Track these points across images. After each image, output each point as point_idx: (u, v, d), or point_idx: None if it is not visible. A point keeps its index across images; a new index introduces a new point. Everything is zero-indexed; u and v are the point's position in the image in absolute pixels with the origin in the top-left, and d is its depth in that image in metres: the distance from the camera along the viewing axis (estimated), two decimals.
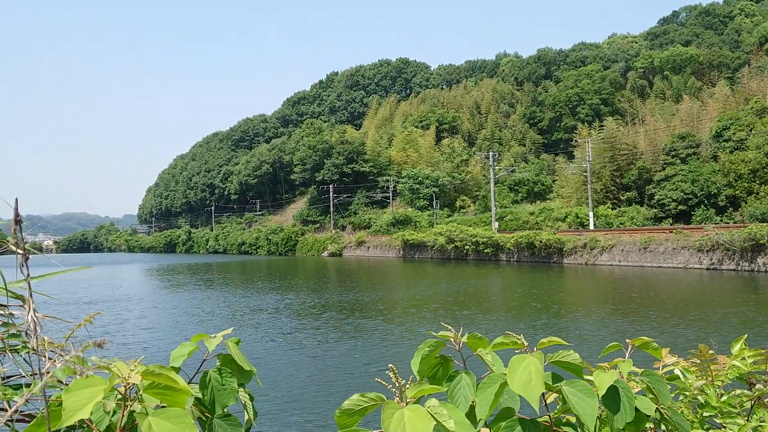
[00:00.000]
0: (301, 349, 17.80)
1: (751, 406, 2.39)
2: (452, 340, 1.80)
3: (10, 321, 1.71)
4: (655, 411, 1.72)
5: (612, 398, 1.66)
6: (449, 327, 1.86)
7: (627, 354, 1.91)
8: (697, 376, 2.54)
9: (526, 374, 1.56)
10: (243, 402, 1.77)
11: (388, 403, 1.39)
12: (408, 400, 1.44)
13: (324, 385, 13.51)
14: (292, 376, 14.37)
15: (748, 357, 2.49)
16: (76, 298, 33.77)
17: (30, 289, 1.40)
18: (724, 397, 2.41)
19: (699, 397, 2.45)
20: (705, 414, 2.37)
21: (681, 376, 2.51)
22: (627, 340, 1.97)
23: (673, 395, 2.32)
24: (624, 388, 1.68)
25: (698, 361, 2.63)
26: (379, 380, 1.60)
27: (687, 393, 2.46)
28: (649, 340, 1.94)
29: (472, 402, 1.64)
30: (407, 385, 1.50)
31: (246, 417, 1.77)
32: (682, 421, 1.77)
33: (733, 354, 2.55)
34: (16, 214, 1.30)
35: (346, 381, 13.78)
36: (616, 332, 18.59)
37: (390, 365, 1.56)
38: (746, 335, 2.56)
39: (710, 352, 2.64)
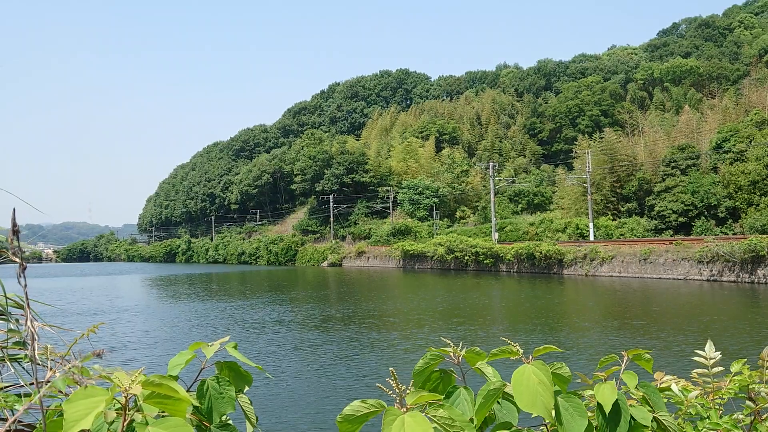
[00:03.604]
0: (300, 360, 17.77)
1: (751, 422, 2.38)
2: (451, 354, 1.81)
3: (15, 328, 1.72)
4: (652, 420, 1.73)
5: (612, 411, 1.64)
6: (448, 341, 1.87)
7: (623, 366, 1.91)
8: (697, 394, 2.52)
9: (531, 387, 1.54)
10: (244, 409, 1.78)
11: (389, 409, 1.40)
12: (408, 407, 1.45)
13: (323, 395, 13.48)
14: (291, 387, 14.34)
15: (751, 374, 2.47)
16: (77, 308, 33.74)
17: (27, 299, 1.41)
18: (725, 418, 2.40)
19: (692, 410, 2.44)
20: (706, 428, 2.36)
21: (676, 391, 2.49)
22: (622, 352, 1.97)
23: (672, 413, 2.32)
24: (621, 400, 1.65)
25: (697, 373, 2.62)
26: (379, 386, 1.61)
27: (682, 406, 2.45)
28: (642, 351, 1.94)
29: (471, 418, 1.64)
30: (407, 391, 1.51)
31: (248, 426, 1.78)
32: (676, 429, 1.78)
33: (732, 372, 2.53)
34: (14, 224, 1.30)
35: (345, 392, 13.75)
36: (615, 344, 18.57)
37: (391, 369, 1.57)
38: (745, 359, 2.55)
39: (715, 353, 2.63)
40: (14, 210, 1.32)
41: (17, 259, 1.33)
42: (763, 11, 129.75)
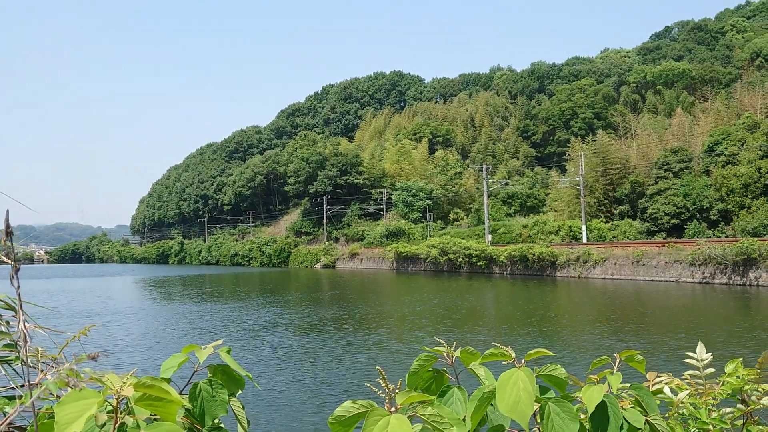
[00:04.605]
0: (293, 363, 17.74)
1: (743, 424, 2.39)
2: (445, 354, 1.81)
3: (5, 330, 1.71)
4: (645, 423, 1.73)
5: (599, 414, 1.64)
6: (442, 341, 1.87)
7: (615, 368, 1.91)
8: (690, 394, 2.52)
9: (515, 393, 1.53)
10: (235, 413, 1.78)
11: (373, 410, 1.40)
12: (398, 407, 1.45)
13: (315, 398, 13.46)
14: (284, 391, 14.31)
15: (743, 376, 2.47)
16: (69, 310, 33.59)
17: (20, 300, 1.40)
18: (715, 414, 2.40)
19: (685, 410, 2.44)
20: (696, 429, 2.36)
21: (669, 392, 2.49)
22: (615, 354, 1.97)
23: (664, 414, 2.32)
24: (612, 403, 1.65)
25: (689, 377, 2.62)
26: (368, 385, 1.61)
27: (672, 407, 2.45)
28: (634, 352, 1.94)
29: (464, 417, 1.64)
30: (396, 391, 1.51)
31: (239, 430, 1.77)
32: None
33: (726, 373, 2.53)
34: (7, 226, 1.30)
35: (338, 395, 13.73)
36: (609, 346, 18.60)
37: (378, 368, 1.56)
38: (740, 359, 2.56)
39: (706, 355, 2.63)
40: (8, 211, 1.33)
41: (10, 261, 1.33)
42: (755, 15, 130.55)
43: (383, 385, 1.51)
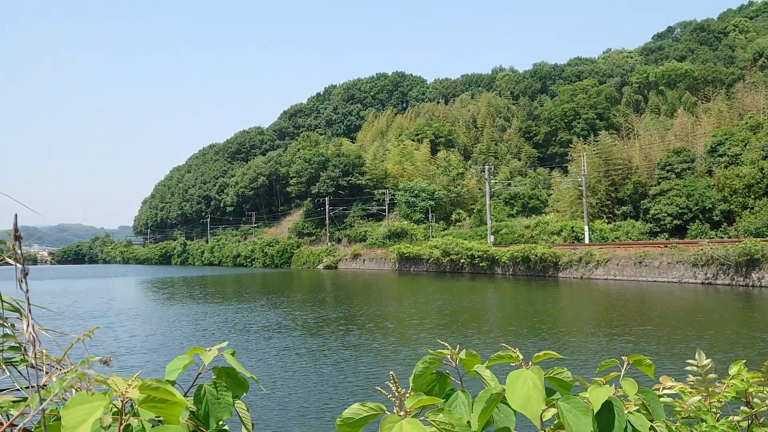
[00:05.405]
0: (298, 365, 17.74)
1: (748, 425, 2.38)
2: (448, 357, 1.81)
3: (11, 333, 1.71)
4: (650, 429, 1.72)
5: (604, 415, 1.64)
6: (446, 344, 1.86)
7: (623, 371, 1.90)
8: (698, 400, 2.51)
9: (525, 390, 1.55)
10: (240, 415, 1.77)
11: (387, 416, 1.40)
12: (407, 410, 1.45)
13: (319, 401, 13.45)
14: (288, 393, 14.31)
15: (747, 379, 2.47)
16: (72, 311, 33.62)
17: (29, 304, 1.40)
18: (722, 421, 2.39)
19: (690, 415, 2.44)
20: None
21: (668, 398, 2.49)
22: (623, 357, 1.96)
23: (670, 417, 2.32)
24: (617, 404, 1.65)
25: (694, 379, 2.62)
26: (379, 389, 1.61)
27: (680, 409, 2.44)
28: (643, 357, 1.94)
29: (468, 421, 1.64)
30: (407, 395, 1.51)
31: (243, 431, 1.77)
32: None
33: (730, 375, 2.53)
34: (16, 230, 1.30)
35: (342, 398, 13.73)
36: (614, 348, 18.58)
37: (391, 372, 1.56)
38: (744, 361, 2.55)
39: (707, 360, 2.63)
40: (16, 216, 1.33)
41: (19, 265, 1.33)
42: (758, 15, 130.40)
43: (394, 388, 1.51)
